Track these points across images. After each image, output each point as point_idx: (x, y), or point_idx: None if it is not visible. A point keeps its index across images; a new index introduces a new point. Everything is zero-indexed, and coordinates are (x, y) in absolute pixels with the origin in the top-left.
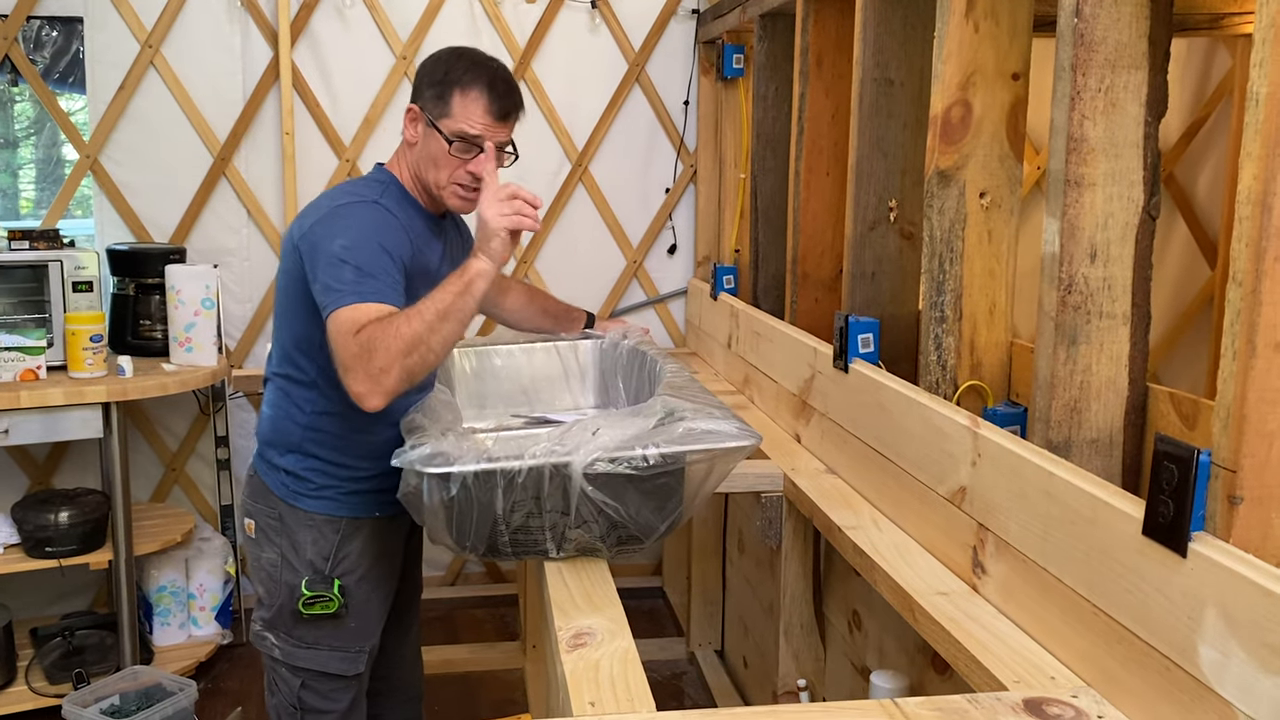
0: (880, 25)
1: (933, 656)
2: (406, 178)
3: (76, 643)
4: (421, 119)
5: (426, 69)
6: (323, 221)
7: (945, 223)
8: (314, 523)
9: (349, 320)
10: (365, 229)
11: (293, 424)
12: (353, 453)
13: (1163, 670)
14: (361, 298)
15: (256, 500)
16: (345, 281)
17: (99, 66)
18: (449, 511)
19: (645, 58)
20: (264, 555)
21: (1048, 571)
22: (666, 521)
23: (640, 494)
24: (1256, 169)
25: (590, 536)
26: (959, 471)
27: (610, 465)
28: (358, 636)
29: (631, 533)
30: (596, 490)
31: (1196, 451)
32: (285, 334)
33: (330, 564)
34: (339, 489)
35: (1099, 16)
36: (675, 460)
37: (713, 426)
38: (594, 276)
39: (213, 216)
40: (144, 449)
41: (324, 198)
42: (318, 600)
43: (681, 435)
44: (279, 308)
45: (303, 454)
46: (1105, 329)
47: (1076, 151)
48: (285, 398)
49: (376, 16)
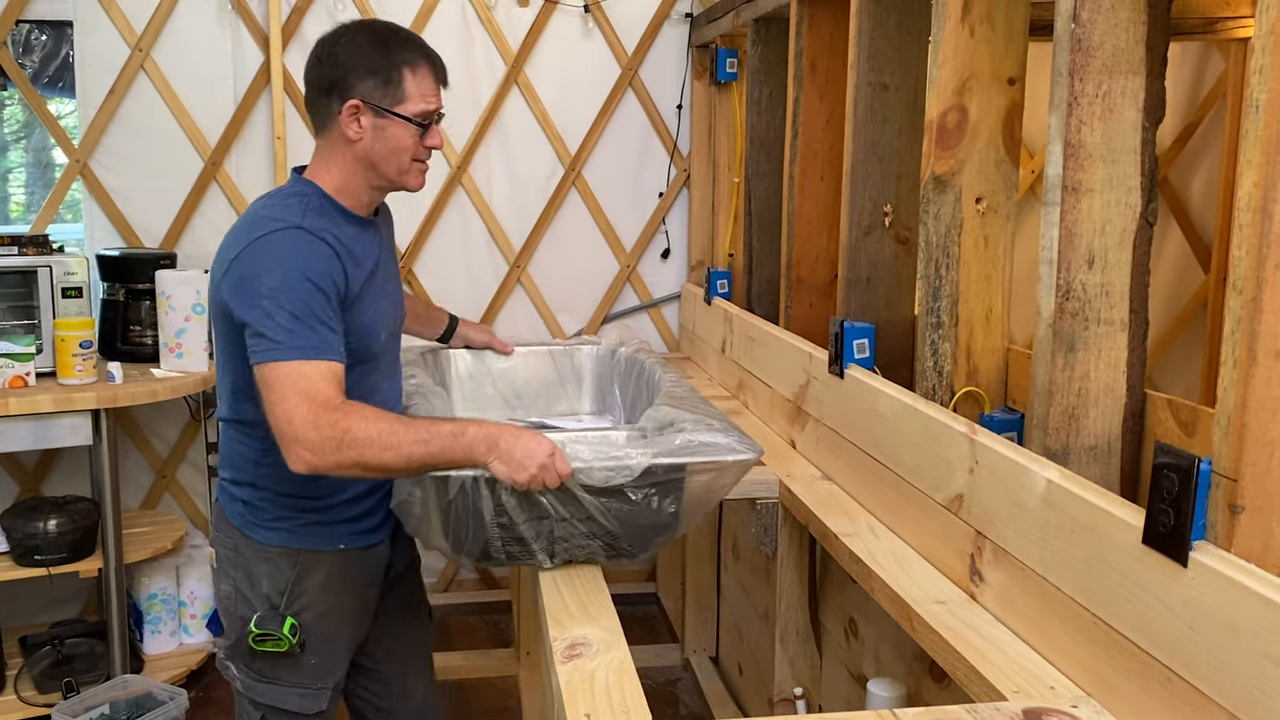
0: (875, 29)
1: (930, 665)
2: (334, 183)
3: (66, 651)
4: (368, 111)
5: (351, 55)
6: (243, 257)
7: (941, 228)
8: (269, 555)
9: (295, 379)
10: (292, 263)
11: (244, 460)
12: (308, 484)
13: (1163, 680)
14: (303, 354)
15: (218, 530)
16: (280, 330)
17: (89, 70)
18: (445, 516)
19: (638, 62)
20: (221, 587)
21: (1046, 580)
22: (661, 535)
23: (635, 506)
24: (1257, 176)
25: (582, 546)
26: (956, 478)
27: (606, 475)
28: (319, 674)
29: (624, 546)
30: (592, 499)
31: (1197, 460)
32: (226, 378)
33: (286, 599)
34: (295, 520)
35: (1096, 21)
36: (672, 472)
37: (712, 439)
38: (587, 281)
39: (203, 222)
40: (134, 456)
41: (241, 227)
42: (267, 638)
43: (680, 447)
44: (217, 351)
45: (255, 486)
46: (1103, 335)
47: (1074, 157)
48: (235, 436)
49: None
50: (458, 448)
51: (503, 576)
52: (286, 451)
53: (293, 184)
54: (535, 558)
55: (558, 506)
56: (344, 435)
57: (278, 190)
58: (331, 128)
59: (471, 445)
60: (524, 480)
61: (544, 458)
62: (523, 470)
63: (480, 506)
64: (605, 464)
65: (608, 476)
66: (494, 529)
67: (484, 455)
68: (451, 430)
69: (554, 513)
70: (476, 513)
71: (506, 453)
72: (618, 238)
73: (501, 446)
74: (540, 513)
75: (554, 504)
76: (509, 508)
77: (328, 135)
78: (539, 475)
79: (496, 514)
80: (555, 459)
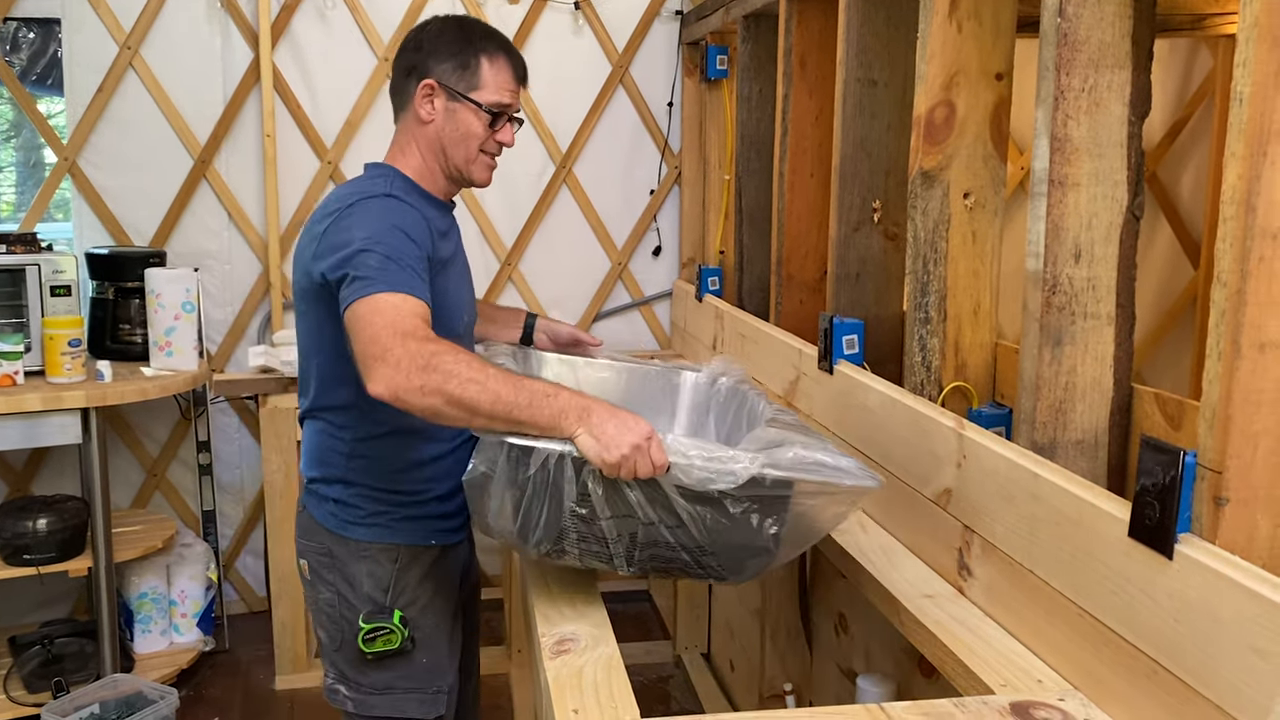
0: (863, 26)
1: (919, 659)
2: (413, 165)
3: (56, 651)
4: (442, 94)
5: (433, 40)
6: (332, 228)
7: (929, 223)
8: (369, 553)
9: (384, 308)
10: (384, 219)
11: (335, 454)
12: (401, 477)
13: (1149, 673)
14: (391, 287)
15: (307, 538)
16: (369, 268)
17: (77, 68)
18: (520, 494)
19: (629, 59)
20: (320, 596)
21: (1034, 574)
22: (756, 559)
23: (732, 520)
24: (1240, 169)
25: (668, 557)
26: (944, 473)
27: (705, 476)
28: (432, 675)
29: (714, 564)
30: (685, 503)
31: (1182, 453)
32: (315, 364)
33: (390, 595)
34: (391, 514)
35: (1082, 16)
36: (780, 487)
37: (828, 459)
38: (578, 279)
39: (193, 220)
40: (124, 454)
41: (325, 208)
42: (378, 634)
43: (792, 461)
44: (303, 340)
45: (348, 483)
46: (1090, 329)
47: (1060, 151)
48: (324, 429)
49: (358, 18)
50: (547, 408)
51: (494, 574)
52: (369, 373)
53: (371, 170)
54: (612, 561)
55: (645, 507)
56: (430, 358)
57: (357, 178)
58: (408, 109)
59: (563, 410)
60: (613, 460)
61: (639, 439)
62: (613, 449)
63: (561, 488)
64: (706, 464)
65: (707, 479)
66: (571, 519)
67: (573, 424)
68: (544, 388)
69: (640, 514)
70: (556, 495)
71: (598, 427)
72: (609, 235)
73: (594, 419)
74: (625, 509)
75: (641, 502)
76: (593, 497)
77: (405, 118)
78: (630, 457)
79: (578, 501)
80: (651, 444)
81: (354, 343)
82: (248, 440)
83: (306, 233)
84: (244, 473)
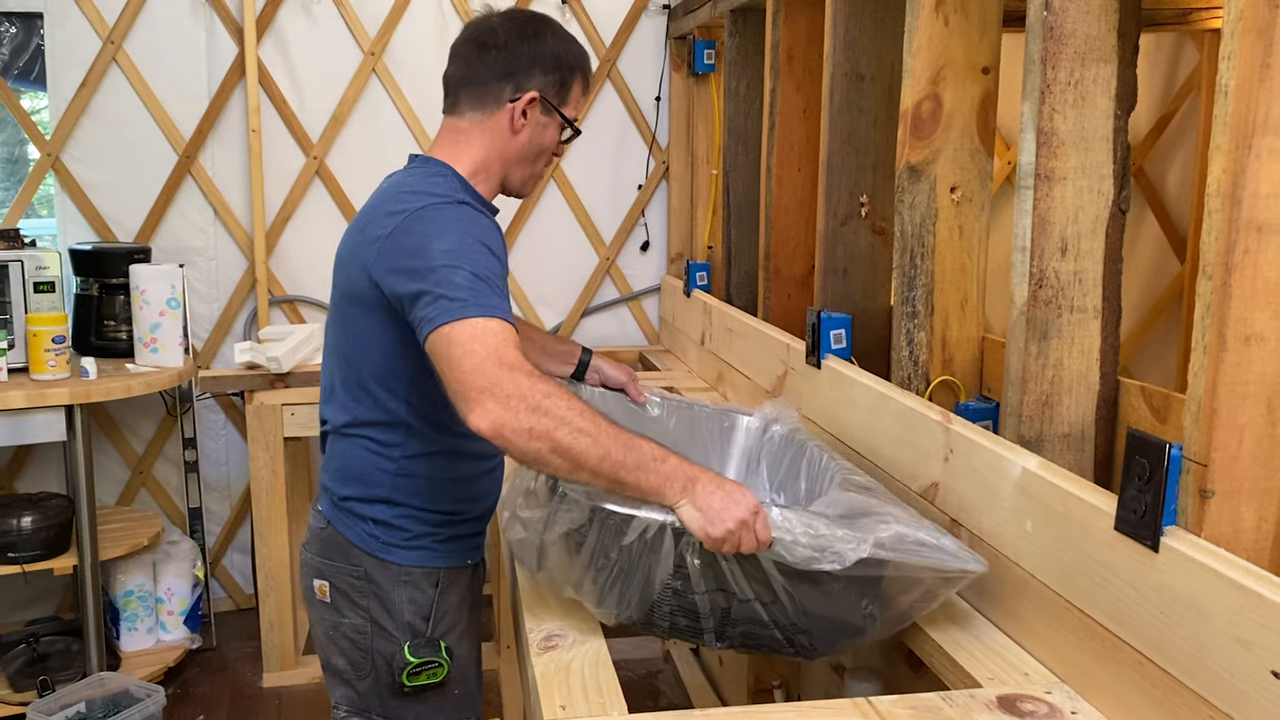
0: (850, 20)
1: (907, 654)
2: (470, 167)
3: (41, 649)
4: (539, 106)
5: (534, 46)
6: (401, 231)
7: (916, 218)
8: (410, 577)
9: (484, 335)
10: (465, 229)
11: (380, 472)
12: (450, 496)
13: (1135, 665)
14: (485, 311)
15: (331, 558)
16: (461, 290)
17: (60, 63)
18: (609, 561)
19: (616, 53)
20: (344, 621)
21: (1020, 567)
22: (849, 638)
23: (830, 599)
24: (1225, 162)
25: (758, 635)
26: (931, 467)
27: (810, 556)
28: (464, 705)
29: (805, 642)
30: (783, 580)
31: (1168, 445)
32: (357, 375)
33: (431, 624)
34: (435, 535)
35: (1068, 10)
36: (884, 568)
37: (930, 538)
38: (567, 274)
39: (178, 215)
40: (109, 452)
41: (382, 207)
42: (424, 668)
43: (895, 540)
44: (345, 347)
45: (392, 503)
46: (1076, 323)
47: (1046, 145)
48: (366, 446)
49: (344, 12)
50: (655, 473)
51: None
52: (473, 405)
53: (425, 165)
54: (702, 636)
55: (741, 582)
56: (543, 399)
57: (408, 172)
58: (492, 113)
59: (669, 477)
60: (718, 535)
61: (745, 514)
62: (718, 524)
63: (658, 560)
64: (812, 542)
65: (811, 558)
66: (664, 593)
67: (678, 494)
68: (653, 451)
69: (737, 589)
70: (650, 567)
71: (704, 498)
72: (597, 230)
73: (699, 490)
74: (721, 584)
75: (738, 576)
76: (689, 569)
77: (481, 119)
78: (736, 533)
79: (673, 574)
80: (758, 520)
81: (449, 370)
82: (234, 437)
83: (361, 232)
84: (230, 469)
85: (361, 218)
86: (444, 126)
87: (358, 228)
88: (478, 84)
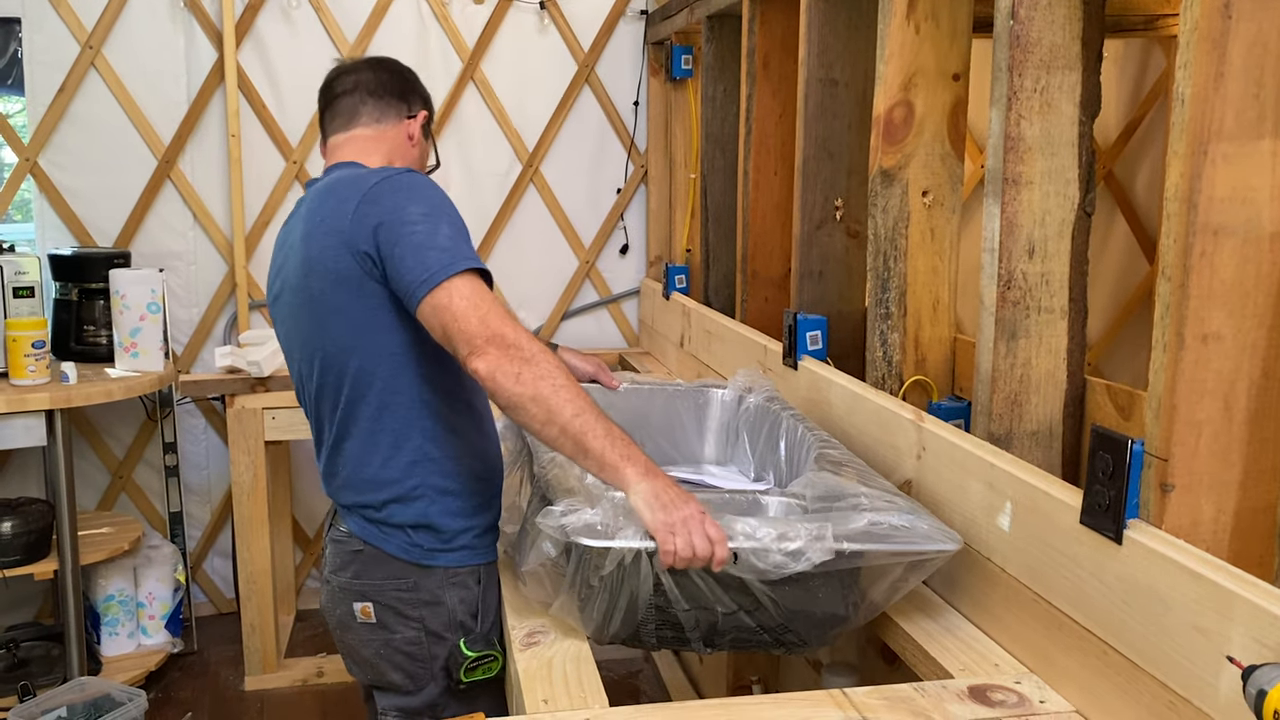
0: (824, 27)
1: (881, 648)
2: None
3: (22, 654)
4: (423, 130)
5: (419, 84)
6: (372, 198)
7: (889, 221)
8: (457, 578)
9: (486, 291)
10: (431, 190)
11: (397, 467)
12: (469, 472)
13: (1100, 654)
14: (476, 264)
15: (373, 576)
16: (447, 241)
17: (38, 68)
18: (591, 591)
19: (595, 59)
20: (396, 637)
21: (991, 561)
22: (836, 626)
23: (810, 595)
24: (1183, 167)
25: (747, 640)
26: (904, 465)
27: (779, 557)
28: (500, 704)
29: (795, 642)
30: (763, 585)
31: (1130, 441)
32: (359, 359)
33: (480, 620)
34: (472, 530)
35: (1034, 19)
36: (857, 558)
37: (903, 521)
38: (546, 277)
39: (157, 220)
40: (90, 457)
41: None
42: (481, 663)
43: (865, 531)
44: (322, 343)
45: (419, 498)
46: (1044, 323)
47: (1014, 150)
48: (375, 440)
49: (323, 18)
50: (621, 449)
51: None
52: (479, 352)
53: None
54: (691, 645)
55: (721, 595)
56: (536, 353)
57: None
58: (394, 123)
59: (632, 458)
60: (669, 520)
61: (696, 511)
62: (671, 510)
63: (637, 584)
64: (779, 546)
65: (782, 564)
66: (650, 610)
67: (637, 476)
68: (623, 434)
69: (719, 602)
70: (631, 591)
71: (661, 490)
72: (576, 234)
73: (659, 482)
74: (703, 600)
75: (715, 589)
76: (666, 587)
77: (380, 128)
78: (687, 523)
79: (654, 593)
80: (707, 518)
81: (453, 320)
82: (214, 441)
83: (323, 223)
84: (211, 474)
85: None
86: (342, 141)
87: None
88: (380, 97)
